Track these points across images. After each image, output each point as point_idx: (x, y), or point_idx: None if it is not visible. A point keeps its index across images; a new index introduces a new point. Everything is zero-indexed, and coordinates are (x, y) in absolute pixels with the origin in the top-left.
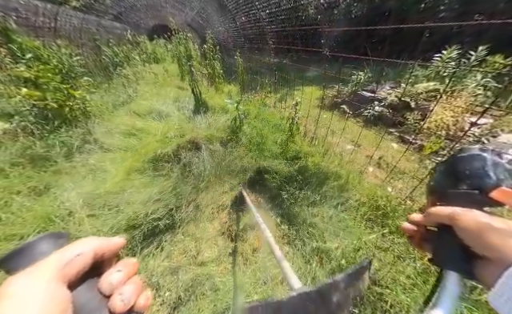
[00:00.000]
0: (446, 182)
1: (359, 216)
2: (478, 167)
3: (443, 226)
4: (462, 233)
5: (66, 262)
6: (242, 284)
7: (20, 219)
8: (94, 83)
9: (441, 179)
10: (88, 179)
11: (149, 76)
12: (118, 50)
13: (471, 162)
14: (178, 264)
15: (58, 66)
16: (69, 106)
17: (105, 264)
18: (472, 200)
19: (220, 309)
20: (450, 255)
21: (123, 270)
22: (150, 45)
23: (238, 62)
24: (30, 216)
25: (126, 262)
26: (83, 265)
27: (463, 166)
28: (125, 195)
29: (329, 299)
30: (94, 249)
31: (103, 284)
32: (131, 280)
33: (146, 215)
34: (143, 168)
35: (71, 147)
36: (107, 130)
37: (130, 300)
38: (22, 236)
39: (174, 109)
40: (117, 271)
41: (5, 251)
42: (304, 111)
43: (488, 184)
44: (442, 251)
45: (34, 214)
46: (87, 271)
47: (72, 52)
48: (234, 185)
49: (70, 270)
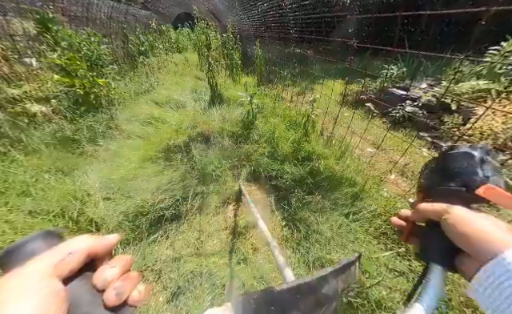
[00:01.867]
0: (435, 179)
1: (372, 229)
2: (466, 165)
3: (431, 221)
4: (447, 229)
5: (60, 259)
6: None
7: (46, 196)
8: (120, 71)
9: (430, 176)
10: (108, 163)
11: (170, 65)
12: (144, 39)
13: (460, 159)
14: (180, 254)
15: (88, 53)
16: (94, 93)
17: (99, 261)
18: (459, 197)
19: (216, 301)
20: (435, 250)
21: (117, 266)
22: (174, 33)
23: (256, 52)
24: (54, 195)
25: (121, 258)
26: (77, 263)
27: (452, 163)
28: (137, 181)
29: (318, 291)
30: (87, 247)
31: (97, 279)
32: (126, 275)
33: (153, 204)
34: (156, 157)
35: (96, 132)
36: (128, 117)
37: (124, 294)
38: (48, 211)
39: (191, 99)
40: (111, 267)
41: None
42: (324, 107)
43: (475, 181)
44: (429, 245)
45: (58, 193)
46: (81, 268)
47: (100, 40)
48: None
49: (64, 267)
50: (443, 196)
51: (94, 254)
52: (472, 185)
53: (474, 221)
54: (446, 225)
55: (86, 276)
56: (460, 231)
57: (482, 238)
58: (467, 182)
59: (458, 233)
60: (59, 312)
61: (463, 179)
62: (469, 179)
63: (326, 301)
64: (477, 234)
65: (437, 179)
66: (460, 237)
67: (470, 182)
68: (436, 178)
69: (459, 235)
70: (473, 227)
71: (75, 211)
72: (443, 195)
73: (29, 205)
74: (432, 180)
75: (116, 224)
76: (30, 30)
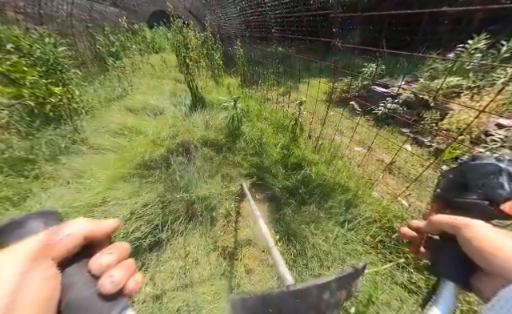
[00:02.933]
0: (453, 190)
1: (369, 238)
2: (491, 177)
3: (446, 235)
4: (465, 244)
5: (56, 241)
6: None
7: None
8: (88, 76)
9: (448, 187)
10: (71, 185)
11: (146, 67)
12: (114, 39)
13: (484, 171)
14: (163, 289)
15: (42, 57)
16: (50, 104)
17: (96, 246)
18: (481, 211)
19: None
20: (449, 266)
21: (114, 253)
22: (150, 33)
23: (238, 52)
24: None
25: (118, 245)
26: (73, 246)
27: (475, 174)
28: (107, 207)
29: (319, 298)
30: (85, 230)
31: (93, 265)
32: (122, 263)
33: (126, 234)
34: (129, 175)
35: (57, 147)
36: (97, 128)
37: (120, 282)
38: None
39: (170, 104)
40: (107, 254)
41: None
42: (310, 107)
43: (501, 196)
44: (442, 260)
45: None
46: (78, 252)
47: (57, 41)
48: (227, 196)
49: (60, 249)
50: (462, 209)
51: (92, 238)
52: (497, 199)
53: (496, 238)
54: (464, 240)
55: (83, 261)
56: (480, 247)
57: (506, 257)
58: (491, 196)
59: (478, 249)
60: (51, 294)
61: (487, 192)
62: (493, 193)
63: (327, 309)
64: (499, 252)
65: (456, 191)
66: (480, 253)
67: (494, 196)
68: (455, 189)
69: (479, 252)
70: (495, 245)
71: None
72: (462, 208)
73: None
74: (450, 191)
75: None
76: None
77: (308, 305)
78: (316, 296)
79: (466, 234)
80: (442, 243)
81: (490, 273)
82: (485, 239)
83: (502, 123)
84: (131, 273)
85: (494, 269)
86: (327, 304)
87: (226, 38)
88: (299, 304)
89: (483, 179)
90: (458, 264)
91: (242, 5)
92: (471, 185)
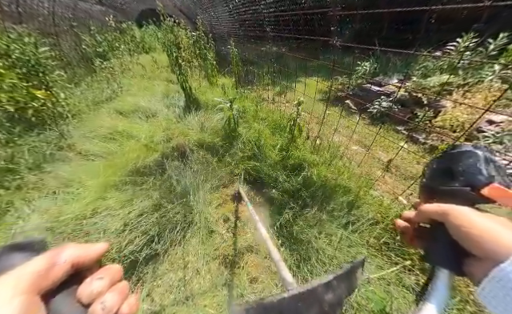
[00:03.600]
0: (438, 178)
1: (373, 240)
2: (470, 164)
3: (435, 223)
4: (452, 230)
5: (39, 271)
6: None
7: None
8: (74, 78)
9: (433, 176)
10: (58, 196)
11: (136, 68)
12: (101, 39)
13: (464, 158)
14: (162, 305)
15: (22, 58)
16: (32, 108)
17: (86, 271)
18: (464, 197)
19: None
20: (441, 253)
21: (105, 277)
22: (139, 32)
23: (232, 51)
24: None
25: (109, 268)
26: (60, 275)
27: (455, 162)
28: (97, 218)
29: (321, 298)
30: (72, 258)
31: (83, 293)
32: (114, 287)
33: (120, 248)
34: (121, 183)
35: (42, 155)
36: (85, 133)
37: (112, 308)
38: None
39: (163, 106)
40: (98, 279)
41: None
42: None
43: (480, 181)
44: (434, 248)
45: None
46: (66, 281)
47: (37, 41)
48: (226, 200)
49: (45, 280)
50: (447, 196)
51: (80, 264)
52: (477, 185)
53: (481, 222)
54: (452, 227)
55: (71, 290)
56: (466, 233)
57: (491, 239)
58: (472, 181)
59: (464, 235)
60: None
61: (467, 178)
62: (473, 179)
63: (330, 309)
64: (485, 235)
65: (440, 179)
66: (467, 239)
67: (474, 181)
68: (439, 177)
69: (466, 237)
70: (480, 228)
71: None
72: (447, 195)
73: None
74: (435, 180)
75: None
76: None
77: (311, 307)
78: (318, 297)
79: (453, 221)
80: (432, 231)
81: (479, 257)
82: (471, 225)
83: (493, 119)
84: (125, 297)
85: (483, 253)
86: (330, 304)
87: (219, 37)
88: (302, 307)
89: (463, 166)
90: (449, 251)
91: (234, 3)
92: (454, 172)
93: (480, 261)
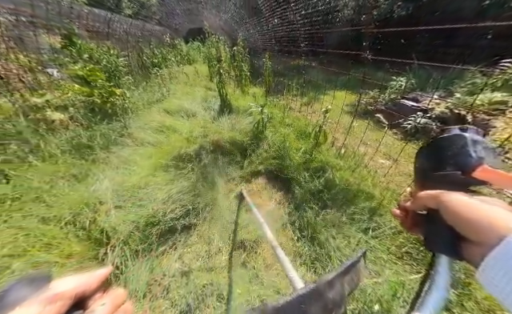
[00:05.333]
0: (430, 165)
1: (394, 248)
2: (458, 148)
3: (431, 210)
4: (446, 216)
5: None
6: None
7: (59, 203)
8: (134, 82)
9: (425, 163)
10: (119, 170)
11: (181, 76)
12: (157, 52)
13: (452, 143)
14: (190, 268)
15: (107, 65)
16: (110, 102)
17: (90, 297)
18: (456, 181)
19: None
20: (439, 239)
21: (108, 302)
22: (185, 47)
23: (266, 64)
24: (67, 201)
25: (112, 293)
26: (63, 306)
27: (445, 147)
28: (148, 190)
29: (324, 297)
30: (74, 289)
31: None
32: (118, 311)
33: (164, 213)
34: (167, 166)
35: (109, 139)
36: (141, 125)
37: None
38: (60, 219)
39: (201, 109)
40: (101, 305)
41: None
42: (333, 118)
43: (470, 164)
44: (432, 234)
45: (71, 199)
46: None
47: (118, 53)
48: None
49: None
50: (440, 182)
51: (82, 294)
52: (467, 168)
53: (473, 205)
54: (445, 213)
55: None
56: (460, 218)
57: (485, 222)
58: (462, 165)
59: (458, 220)
60: None
61: (457, 162)
62: (463, 162)
63: (334, 307)
64: (478, 219)
65: (431, 165)
66: (461, 224)
67: (464, 165)
68: (430, 164)
69: (460, 222)
70: (473, 212)
71: (87, 219)
72: (440, 181)
73: (42, 211)
74: (427, 167)
75: (126, 235)
76: (56, 44)
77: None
78: (321, 297)
79: (446, 207)
80: (429, 218)
81: (475, 241)
82: (464, 210)
83: None
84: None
85: (477, 237)
86: (333, 302)
87: (254, 51)
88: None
89: (452, 150)
90: (447, 237)
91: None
92: (444, 158)
93: (476, 245)
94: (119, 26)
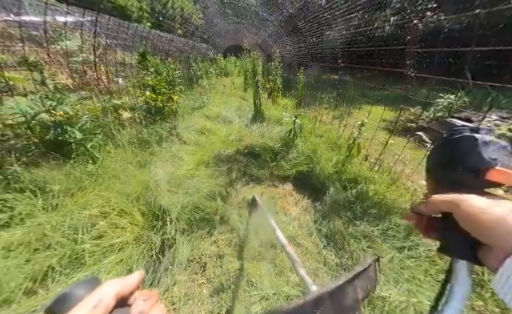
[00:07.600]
0: (441, 167)
1: (434, 271)
2: (470, 149)
3: (445, 213)
4: (462, 222)
5: (93, 306)
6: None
7: (129, 182)
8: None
9: (436, 165)
10: (169, 162)
11: (219, 87)
12: (201, 66)
13: (463, 144)
14: (223, 252)
15: (167, 77)
16: (168, 107)
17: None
18: (469, 184)
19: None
20: (455, 244)
21: (147, 299)
22: (223, 61)
23: (299, 78)
24: (134, 182)
25: (149, 292)
26: (108, 306)
27: (455, 149)
28: (193, 181)
29: (337, 302)
30: (115, 291)
31: (134, 311)
32: (155, 307)
33: (204, 204)
34: (208, 163)
35: (161, 137)
36: (186, 127)
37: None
38: (129, 194)
39: (236, 116)
40: (143, 300)
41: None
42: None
43: (482, 166)
44: (447, 239)
45: (137, 180)
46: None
47: (177, 67)
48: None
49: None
50: (453, 185)
51: (121, 296)
52: (480, 170)
53: (488, 209)
54: (460, 218)
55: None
56: (474, 223)
57: (501, 227)
58: (474, 167)
59: (472, 225)
60: None
61: (469, 164)
62: (475, 164)
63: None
64: (494, 223)
65: (443, 168)
66: (476, 229)
67: (476, 167)
68: (442, 166)
69: (474, 227)
70: (489, 217)
71: (152, 197)
72: (452, 184)
73: (117, 187)
74: (439, 169)
75: (177, 214)
76: (132, 61)
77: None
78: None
79: (460, 211)
80: (444, 221)
81: (489, 246)
82: (477, 213)
83: None
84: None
85: (494, 242)
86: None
87: (287, 65)
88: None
89: (463, 152)
90: (463, 241)
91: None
92: (455, 160)
93: (493, 250)
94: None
